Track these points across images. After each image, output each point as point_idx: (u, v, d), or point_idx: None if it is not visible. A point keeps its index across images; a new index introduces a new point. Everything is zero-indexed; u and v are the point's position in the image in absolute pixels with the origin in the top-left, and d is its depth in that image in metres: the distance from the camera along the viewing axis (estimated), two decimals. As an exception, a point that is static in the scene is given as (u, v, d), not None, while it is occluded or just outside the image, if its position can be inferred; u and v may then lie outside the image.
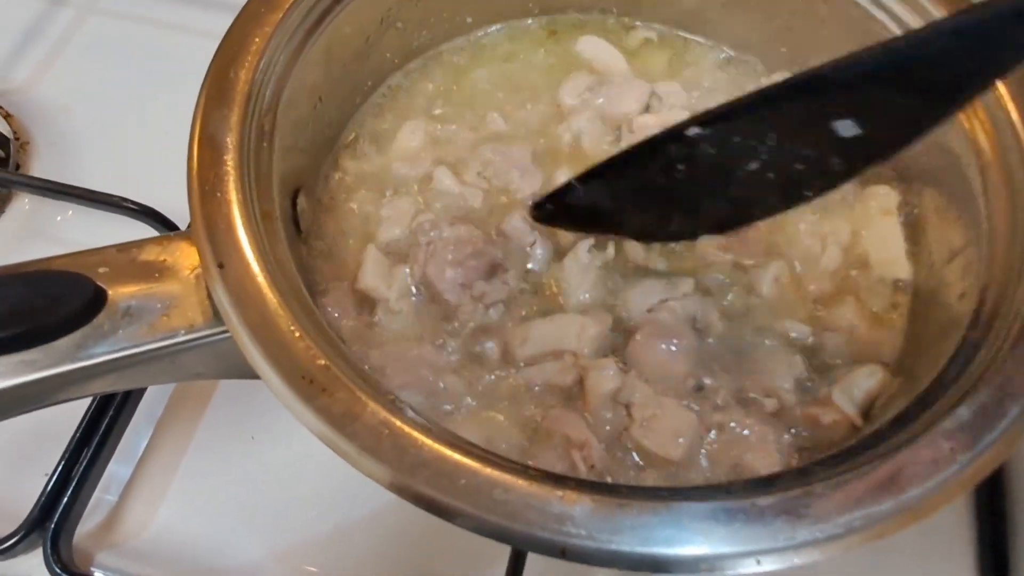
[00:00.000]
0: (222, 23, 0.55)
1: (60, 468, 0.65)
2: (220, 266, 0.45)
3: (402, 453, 0.41)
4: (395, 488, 0.40)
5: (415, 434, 0.41)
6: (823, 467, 0.43)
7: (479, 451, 0.42)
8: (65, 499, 0.64)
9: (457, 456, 0.41)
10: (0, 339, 0.42)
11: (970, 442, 0.42)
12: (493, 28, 0.73)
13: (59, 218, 0.82)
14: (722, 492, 0.41)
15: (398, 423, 0.42)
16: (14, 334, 0.42)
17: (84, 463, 0.66)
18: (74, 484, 0.64)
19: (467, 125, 0.68)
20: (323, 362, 0.43)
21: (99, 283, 0.45)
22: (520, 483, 0.40)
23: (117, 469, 0.68)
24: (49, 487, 0.64)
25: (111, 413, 0.67)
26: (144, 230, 0.76)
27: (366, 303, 0.60)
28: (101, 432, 0.67)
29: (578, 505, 0.40)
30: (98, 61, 0.94)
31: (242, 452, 0.69)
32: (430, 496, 0.39)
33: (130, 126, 0.88)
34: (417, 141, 0.65)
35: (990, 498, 0.65)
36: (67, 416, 0.66)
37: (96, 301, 0.45)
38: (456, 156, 0.66)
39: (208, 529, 0.66)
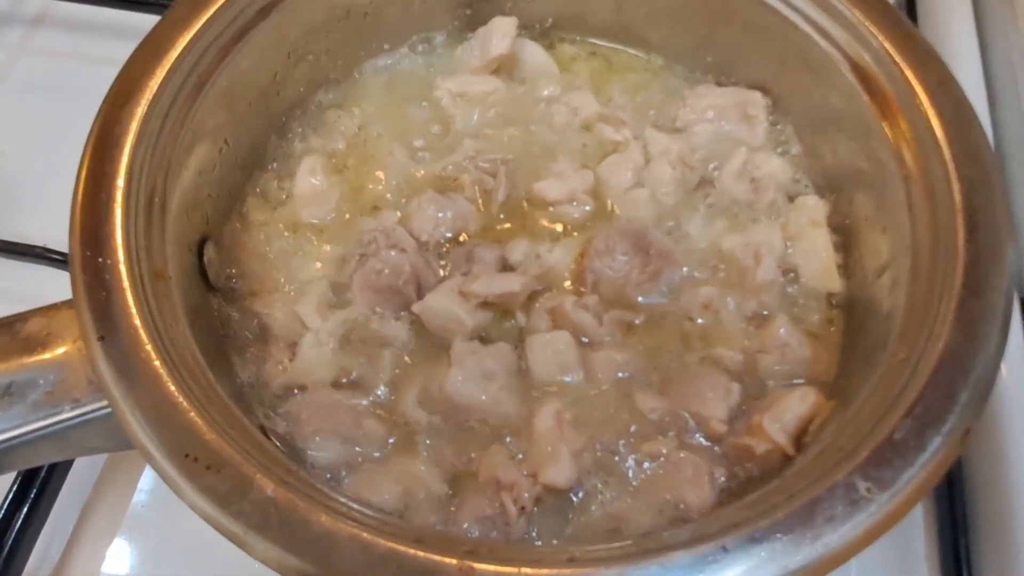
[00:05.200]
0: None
1: (-10, 537, 0.63)
2: (101, 339, 0.43)
3: (292, 530, 0.39)
4: (284, 570, 0.38)
5: (306, 507, 0.40)
6: (739, 512, 0.41)
7: (376, 519, 0.40)
8: (-2, 568, 0.62)
9: (351, 530, 0.39)
10: None
11: (889, 480, 0.40)
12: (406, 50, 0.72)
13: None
14: (631, 550, 0.39)
15: (288, 496, 0.40)
16: None
17: (18, 525, 0.63)
18: (7, 549, 0.62)
19: (379, 155, 0.66)
20: (210, 436, 0.41)
21: (-23, 363, 0.44)
22: (417, 556, 0.38)
23: (57, 526, 0.66)
24: (-20, 556, 0.62)
25: (45, 468, 0.65)
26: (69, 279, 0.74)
27: (286, 347, 0.58)
28: (36, 489, 0.64)
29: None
30: (32, 103, 0.91)
31: (187, 500, 0.67)
32: (319, 576, 0.38)
33: (65, 169, 0.84)
34: (318, 179, 0.63)
35: (950, 506, 0.63)
36: (-1, 478, 0.64)
37: (-26, 382, 0.43)
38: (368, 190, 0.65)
39: (156, 581, 0.64)
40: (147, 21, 0.88)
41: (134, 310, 0.44)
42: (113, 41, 0.94)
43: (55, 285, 0.75)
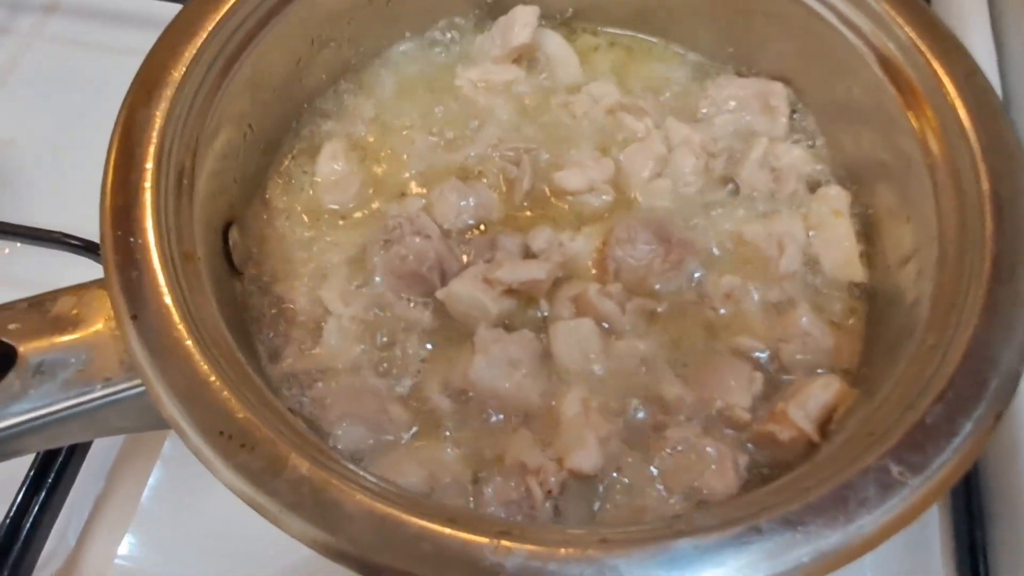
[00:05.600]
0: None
1: (10, 518, 0.63)
2: (134, 317, 0.43)
3: (325, 509, 0.39)
4: (318, 547, 0.38)
5: (341, 486, 0.40)
6: (770, 495, 0.41)
7: (408, 499, 0.40)
8: (16, 549, 0.62)
9: (386, 509, 0.39)
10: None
11: (921, 464, 0.40)
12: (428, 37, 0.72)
13: (8, 250, 0.79)
14: (663, 532, 0.39)
15: (322, 475, 0.40)
16: (-84, 403, 0.40)
17: (35, 510, 0.63)
18: (24, 533, 0.62)
19: (401, 142, 0.66)
20: (243, 415, 0.41)
21: (8, 340, 0.43)
22: (449, 535, 0.38)
23: (74, 511, 0.66)
24: (-2, 536, 0.62)
25: (63, 455, 0.65)
26: (87, 265, 0.74)
27: (310, 332, 0.58)
28: (53, 476, 0.64)
29: (511, 556, 0.38)
30: (44, 90, 0.90)
31: (203, 487, 0.66)
32: (355, 555, 0.38)
33: (78, 156, 0.83)
34: (340, 165, 0.64)
35: (966, 499, 0.63)
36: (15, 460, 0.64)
37: (5, 359, 0.43)
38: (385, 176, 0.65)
39: (169, 569, 0.63)
40: (158, 9, 0.90)
41: (165, 289, 0.44)
42: (125, 30, 0.94)
43: (72, 272, 0.74)
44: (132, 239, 0.45)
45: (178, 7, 0.84)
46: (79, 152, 0.84)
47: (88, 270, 0.74)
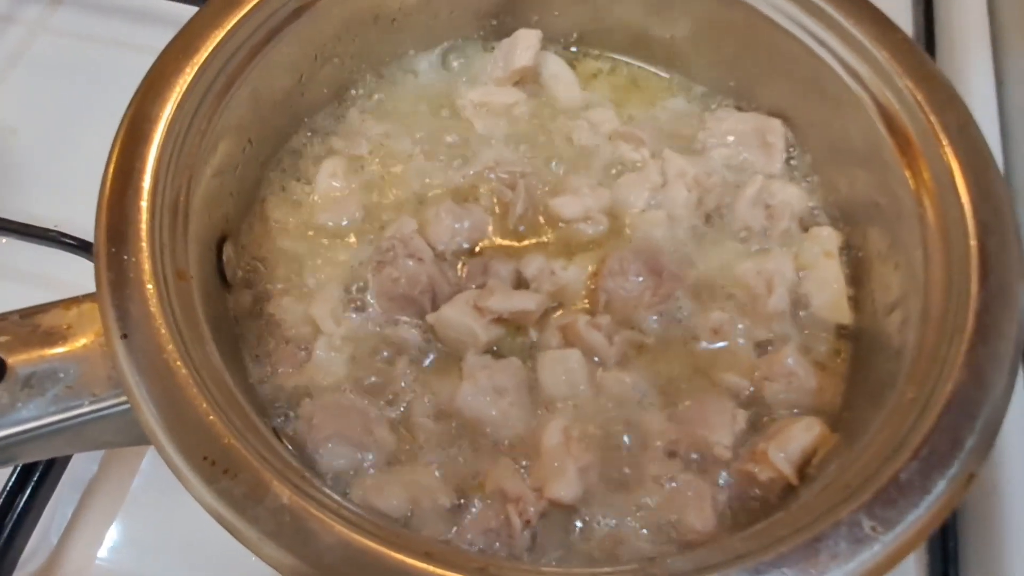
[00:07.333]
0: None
1: (-7, 515, 0.63)
2: (124, 336, 0.43)
3: (306, 538, 0.39)
4: (297, 577, 0.39)
5: (321, 516, 0.40)
6: (744, 542, 0.42)
7: (386, 531, 0.41)
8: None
9: (364, 541, 0.39)
10: None
11: (893, 520, 0.41)
12: (431, 57, 0.72)
13: (4, 240, 0.79)
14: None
15: (303, 504, 0.40)
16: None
17: (18, 511, 0.64)
18: (7, 534, 0.63)
19: (400, 161, 0.67)
20: (228, 440, 0.41)
21: (-2, 353, 0.44)
22: (425, 569, 0.39)
23: (57, 510, 0.66)
24: (-20, 538, 0.62)
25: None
26: (81, 263, 0.74)
27: (300, 350, 0.59)
28: (38, 475, 0.65)
29: (485, 594, 0.38)
30: (48, 81, 0.90)
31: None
32: (331, 586, 0.38)
33: (80, 150, 0.84)
34: (338, 182, 0.64)
35: (941, 539, 0.64)
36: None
37: (-6, 373, 0.43)
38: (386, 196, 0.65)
39: (151, 570, 0.64)
40: (163, 5, 0.90)
41: (157, 309, 0.44)
42: (131, 25, 0.94)
43: (67, 268, 0.76)
44: (126, 257, 0.46)
45: (181, 5, 0.86)
46: (80, 145, 0.85)
47: (82, 268, 0.75)
